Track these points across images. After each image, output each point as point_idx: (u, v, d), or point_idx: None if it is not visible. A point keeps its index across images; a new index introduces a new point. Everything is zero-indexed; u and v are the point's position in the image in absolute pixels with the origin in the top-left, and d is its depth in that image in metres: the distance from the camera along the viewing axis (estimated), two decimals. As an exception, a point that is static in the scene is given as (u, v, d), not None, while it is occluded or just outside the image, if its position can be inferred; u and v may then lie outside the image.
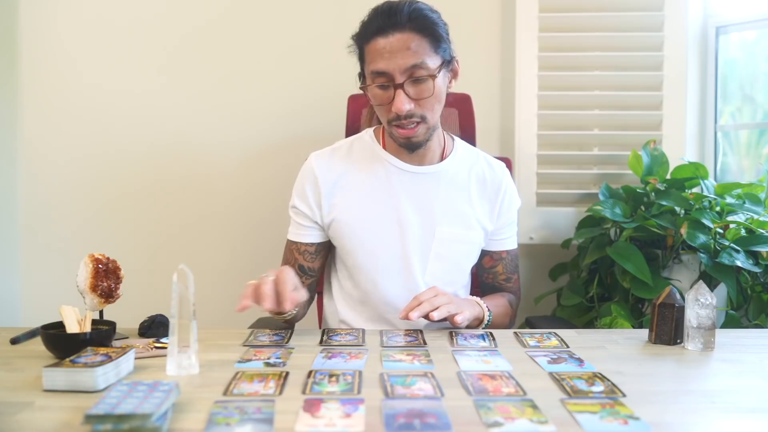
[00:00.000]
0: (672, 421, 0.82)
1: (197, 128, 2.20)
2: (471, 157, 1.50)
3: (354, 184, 1.42)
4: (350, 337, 1.21)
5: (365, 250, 1.40)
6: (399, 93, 1.28)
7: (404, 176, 1.42)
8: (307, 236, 1.44)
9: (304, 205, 1.43)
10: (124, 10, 2.17)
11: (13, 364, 1.04)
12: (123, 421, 0.73)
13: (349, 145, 1.48)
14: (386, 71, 1.28)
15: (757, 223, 1.74)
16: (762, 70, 2.17)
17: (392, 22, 1.28)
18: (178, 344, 0.99)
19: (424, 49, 1.28)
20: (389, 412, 0.81)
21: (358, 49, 1.37)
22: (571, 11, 2.08)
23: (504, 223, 1.49)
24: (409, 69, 1.27)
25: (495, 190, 1.47)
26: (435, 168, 1.43)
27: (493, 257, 1.50)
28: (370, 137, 1.48)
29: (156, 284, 1.95)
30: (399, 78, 1.28)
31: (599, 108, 2.11)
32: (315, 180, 1.42)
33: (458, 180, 1.45)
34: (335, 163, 1.44)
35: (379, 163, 1.43)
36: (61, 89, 2.18)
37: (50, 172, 2.19)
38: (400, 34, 1.27)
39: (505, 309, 1.46)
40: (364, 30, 1.33)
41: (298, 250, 1.45)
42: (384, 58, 1.28)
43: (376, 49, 1.29)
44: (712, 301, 1.14)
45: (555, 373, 0.99)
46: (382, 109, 1.34)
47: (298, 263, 1.46)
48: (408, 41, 1.27)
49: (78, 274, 1.16)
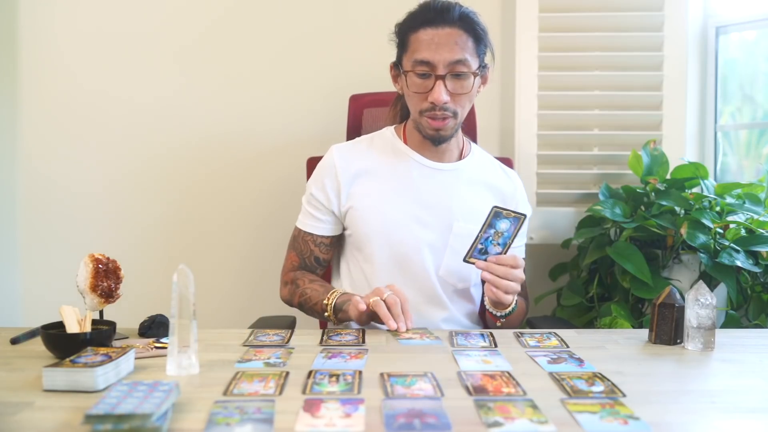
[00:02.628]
0: (672, 421, 0.82)
1: (197, 128, 2.19)
2: (486, 162, 1.55)
3: (374, 175, 1.45)
4: (350, 337, 1.21)
5: (380, 240, 1.42)
6: (439, 84, 1.34)
7: (425, 171, 1.45)
8: (323, 228, 1.47)
9: (321, 194, 1.46)
10: (124, 11, 2.17)
11: (13, 364, 1.04)
12: (123, 421, 0.73)
13: (370, 140, 1.52)
14: (431, 61, 1.33)
15: (757, 223, 1.74)
16: (762, 70, 2.16)
17: (443, 16, 1.35)
18: (178, 344, 0.99)
19: (468, 47, 1.35)
20: (389, 412, 0.81)
21: (399, 36, 1.41)
22: (571, 11, 2.08)
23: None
24: (453, 63, 1.34)
25: (509, 197, 1.51)
26: (454, 165, 1.48)
27: None
28: (391, 133, 1.52)
29: (156, 284, 1.95)
30: (442, 70, 1.34)
31: (599, 108, 2.11)
32: (335, 170, 1.45)
33: (475, 180, 1.49)
34: (356, 155, 1.48)
35: (400, 157, 1.47)
36: (60, 89, 2.18)
37: (50, 172, 2.19)
38: (450, 29, 1.34)
39: (523, 309, 1.50)
40: (413, 19, 1.38)
41: (314, 241, 1.48)
42: (430, 49, 1.33)
43: (423, 39, 1.35)
44: (712, 301, 1.14)
45: (555, 373, 0.99)
46: (417, 98, 1.37)
47: (314, 255, 1.49)
48: (456, 37, 1.34)
49: (78, 274, 1.16)
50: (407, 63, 1.38)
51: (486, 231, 1.30)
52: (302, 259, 1.50)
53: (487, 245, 1.30)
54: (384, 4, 1.47)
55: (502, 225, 1.30)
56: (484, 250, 1.30)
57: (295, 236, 1.52)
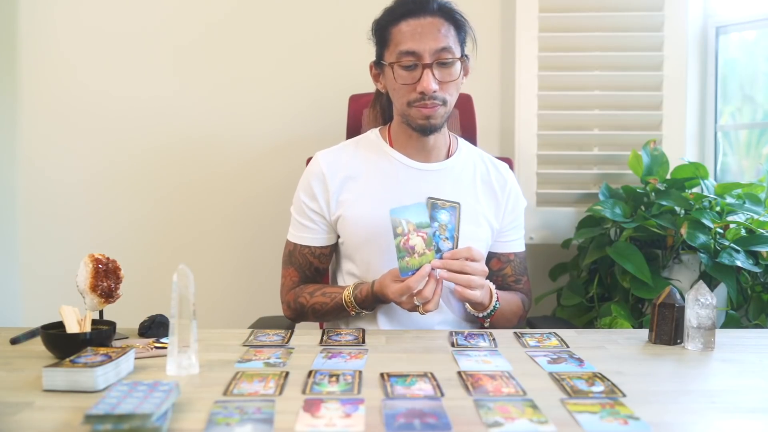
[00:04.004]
0: (672, 421, 0.82)
1: (197, 128, 2.19)
2: (475, 157, 1.52)
3: (361, 180, 1.43)
4: (350, 337, 1.21)
5: (373, 246, 1.40)
6: (427, 73, 1.32)
7: (412, 172, 1.43)
8: (319, 239, 1.45)
9: (313, 203, 1.43)
10: (125, 11, 2.17)
11: (13, 364, 1.04)
12: (123, 421, 0.73)
13: (356, 144, 1.50)
14: (416, 51, 1.32)
15: (757, 223, 1.74)
16: (762, 70, 2.17)
17: (424, 7, 1.34)
18: (178, 344, 0.99)
19: (451, 35, 1.35)
20: (389, 412, 0.81)
21: (378, 33, 1.40)
22: (571, 11, 2.08)
23: (510, 223, 1.49)
24: (438, 51, 1.33)
25: (500, 189, 1.48)
26: (441, 165, 1.45)
27: (500, 259, 1.50)
28: (375, 136, 1.49)
29: (156, 284, 1.95)
30: (428, 59, 1.33)
31: (599, 108, 2.11)
32: (323, 177, 1.43)
33: (464, 177, 1.46)
34: (342, 161, 1.45)
35: (386, 160, 1.45)
36: (60, 89, 2.18)
37: (50, 172, 2.19)
38: (432, 18, 1.34)
39: (517, 306, 1.47)
40: (392, 12, 1.38)
41: (312, 254, 1.45)
42: (414, 39, 1.33)
43: (405, 30, 1.34)
44: (712, 301, 1.14)
45: (555, 373, 0.99)
46: (405, 90, 1.36)
47: (313, 266, 1.47)
48: (438, 25, 1.34)
49: (78, 274, 1.16)
50: (391, 56, 1.36)
51: (431, 226, 1.27)
52: (302, 273, 1.47)
53: (437, 241, 1.27)
54: (384, 4, 1.46)
55: (442, 217, 1.28)
56: (436, 248, 1.27)
57: (290, 251, 1.47)
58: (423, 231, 1.24)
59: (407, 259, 1.23)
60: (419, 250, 1.23)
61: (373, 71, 1.44)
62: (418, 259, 1.23)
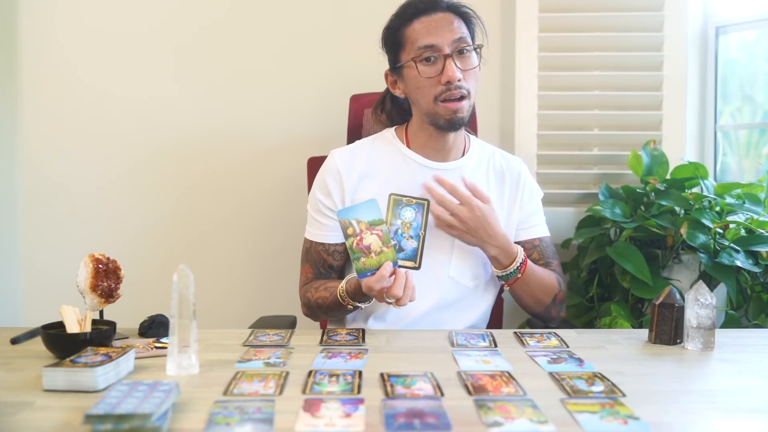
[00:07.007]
0: (672, 421, 0.82)
1: (198, 128, 2.19)
2: (487, 152, 1.54)
3: (377, 179, 1.44)
4: (350, 337, 1.21)
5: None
6: (450, 62, 1.35)
7: (428, 172, 1.44)
8: (334, 236, 1.45)
9: (328, 200, 1.44)
10: (125, 11, 2.17)
11: (13, 364, 1.05)
12: (123, 421, 0.73)
13: (371, 143, 1.51)
14: (435, 44, 1.36)
15: (757, 223, 1.74)
16: (762, 70, 2.16)
17: (434, 4, 1.39)
18: (178, 344, 0.99)
19: (463, 28, 1.39)
20: (389, 412, 0.82)
21: (391, 38, 1.42)
22: (571, 11, 2.08)
23: (529, 212, 1.51)
24: (456, 41, 1.36)
25: (515, 182, 1.51)
26: (457, 164, 1.47)
27: (526, 246, 1.49)
28: (392, 135, 1.51)
29: (156, 284, 1.95)
30: (447, 49, 1.36)
31: (599, 108, 2.11)
32: (339, 175, 1.44)
33: (479, 175, 1.48)
34: (358, 159, 1.46)
35: (402, 159, 1.46)
36: (60, 88, 2.18)
37: (50, 172, 2.19)
38: (443, 13, 1.38)
39: (550, 282, 1.46)
40: (403, 14, 1.41)
41: (326, 251, 1.46)
42: (431, 33, 1.36)
43: (419, 27, 1.38)
44: (712, 301, 1.14)
45: (555, 373, 0.99)
46: (429, 84, 1.37)
47: (327, 264, 1.47)
48: (451, 19, 1.38)
49: (78, 274, 1.16)
50: (409, 55, 1.38)
51: (392, 223, 1.25)
52: (316, 270, 1.48)
53: (399, 240, 1.26)
54: (384, 4, 1.46)
55: (406, 214, 1.27)
56: (398, 247, 1.26)
57: (307, 249, 1.49)
58: (378, 228, 1.22)
59: (363, 259, 1.21)
60: (375, 248, 1.21)
61: (390, 78, 1.46)
62: (376, 258, 1.21)
